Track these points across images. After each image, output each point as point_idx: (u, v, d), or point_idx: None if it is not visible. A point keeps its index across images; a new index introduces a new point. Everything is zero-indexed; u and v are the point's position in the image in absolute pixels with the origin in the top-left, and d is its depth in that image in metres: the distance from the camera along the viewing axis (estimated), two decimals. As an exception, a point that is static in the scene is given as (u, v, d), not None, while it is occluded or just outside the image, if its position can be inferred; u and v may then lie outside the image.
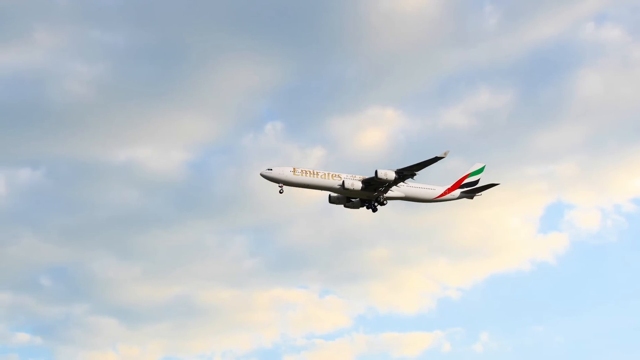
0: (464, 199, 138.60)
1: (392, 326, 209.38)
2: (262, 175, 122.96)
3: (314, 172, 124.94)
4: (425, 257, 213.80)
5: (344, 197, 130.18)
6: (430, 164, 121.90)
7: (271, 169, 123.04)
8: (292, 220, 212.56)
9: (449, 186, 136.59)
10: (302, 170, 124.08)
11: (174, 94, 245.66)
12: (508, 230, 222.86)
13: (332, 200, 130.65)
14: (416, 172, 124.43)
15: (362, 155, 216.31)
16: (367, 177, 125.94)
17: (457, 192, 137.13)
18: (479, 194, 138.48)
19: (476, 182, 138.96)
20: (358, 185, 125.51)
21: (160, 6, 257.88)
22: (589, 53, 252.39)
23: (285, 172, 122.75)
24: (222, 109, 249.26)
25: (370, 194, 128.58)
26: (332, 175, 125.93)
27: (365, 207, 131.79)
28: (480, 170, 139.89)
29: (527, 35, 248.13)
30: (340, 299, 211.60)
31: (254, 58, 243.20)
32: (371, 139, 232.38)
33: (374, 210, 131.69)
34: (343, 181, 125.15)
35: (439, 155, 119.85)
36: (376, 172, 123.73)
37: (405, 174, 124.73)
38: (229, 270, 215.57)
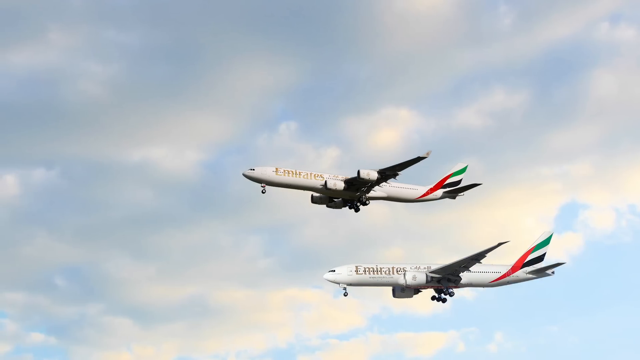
0: (447, 199, 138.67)
1: (407, 326, 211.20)
2: (244, 175, 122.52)
3: (296, 172, 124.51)
4: (439, 257, 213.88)
5: (327, 197, 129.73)
6: (413, 163, 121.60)
7: (253, 169, 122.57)
8: (306, 220, 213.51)
9: (432, 186, 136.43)
10: (284, 170, 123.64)
11: (188, 94, 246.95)
12: (522, 230, 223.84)
13: (314, 200, 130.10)
14: (399, 172, 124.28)
15: (376, 155, 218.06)
16: (349, 177, 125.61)
17: (440, 192, 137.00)
18: (462, 194, 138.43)
19: (459, 182, 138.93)
20: (340, 186, 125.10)
21: (174, 6, 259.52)
22: (604, 53, 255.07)
23: (267, 172, 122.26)
24: (237, 109, 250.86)
25: (353, 194, 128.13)
26: (314, 175, 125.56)
27: (347, 207, 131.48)
28: (463, 170, 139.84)
29: (541, 35, 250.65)
30: (354, 299, 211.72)
31: (269, 58, 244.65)
32: (385, 139, 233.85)
33: (357, 210, 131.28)
34: (325, 181, 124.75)
35: (421, 155, 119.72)
36: (359, 172, 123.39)
37: (387, 174, 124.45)
38: (243, 270, 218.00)
